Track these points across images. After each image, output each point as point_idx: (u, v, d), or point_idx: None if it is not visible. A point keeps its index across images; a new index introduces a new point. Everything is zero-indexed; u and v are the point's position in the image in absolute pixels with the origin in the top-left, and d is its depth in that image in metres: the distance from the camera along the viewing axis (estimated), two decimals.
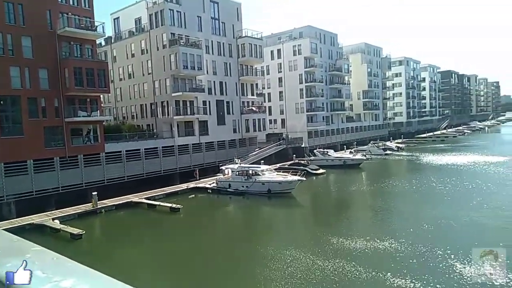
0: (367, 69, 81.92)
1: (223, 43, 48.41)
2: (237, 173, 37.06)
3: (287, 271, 17.72)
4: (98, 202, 30.05)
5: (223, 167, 40.32)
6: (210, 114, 45.89)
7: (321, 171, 46.97)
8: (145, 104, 45.16)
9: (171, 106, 41.98)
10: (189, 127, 43.70)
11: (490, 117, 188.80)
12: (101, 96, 37.73)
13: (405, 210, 29.58)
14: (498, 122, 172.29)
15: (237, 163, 39.30)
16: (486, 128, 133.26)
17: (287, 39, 66.72)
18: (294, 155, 52.91)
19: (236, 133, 49.70)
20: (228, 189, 36.56)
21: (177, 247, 22.77)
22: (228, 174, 38.61)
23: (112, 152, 35.50)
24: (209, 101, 46.04)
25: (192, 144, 43.25)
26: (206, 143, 44.89)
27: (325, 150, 56.05)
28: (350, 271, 17.19)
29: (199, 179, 41.14)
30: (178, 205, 30.36)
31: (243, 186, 35.92)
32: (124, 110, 48.24)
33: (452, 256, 17.59)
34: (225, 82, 48.53)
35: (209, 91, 46.08)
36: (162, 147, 40.08)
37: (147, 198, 33.08)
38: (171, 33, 41.60)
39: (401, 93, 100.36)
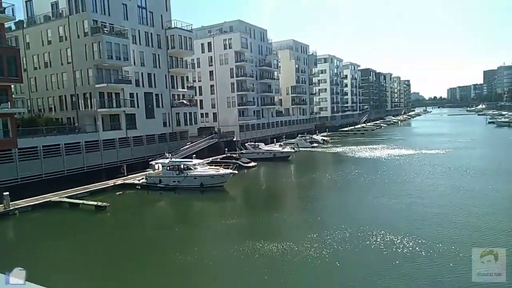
0: (295, 65, 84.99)
1: (151, 34, 46.59)
2: (168, 168, 36.18)
3: (218, 265, 17.91)
4: (10, 203, 27.22)
5: (153, 162, 39.10)
6: (138, 107, 44.02)
7: (252, 164, 47.92)
8: (65, 96, 41.78)
9: (94, 98, 39.42)
10: (115, 120, 41.46)
11: (402, 112, 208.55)
12: (12, 86, 34.01)
13: (329, 198, 31.74)
14: (409, 117, 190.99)
15: (168, 158, 38.35)
16: (399, 122, 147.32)
17: (218, 33, 66.43)
18: (226, 149, 53.19)
19: (167, 127, 48.40)
20: (159, 185, 35.57)
21: (102, 247, 21.59)
22: (158, 169, 37.55)
23: (26, 148, 32.32)
24: (137, 93, 44.14)
25: (119, 138, 41.16)
26: (134, 137, 43.02)
27: (256, 143, 57.22)
28: (281, 255, 17.97)
29: (127, 175, 39.36)
30: (104, 203, 28.74)
31: (174, 181, 35.21)
32: (40, 102, 44.12)
33: (369, 234, 19.48)
34: (154, 74, 46.85)
35: (136, 83, 44.15)
36: (85, 142, 37.51)
37: (68, 197, 30.75)
38: (93, 20, 38.91)
39: (326, 89, 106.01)
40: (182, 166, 35.75)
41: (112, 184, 36.13)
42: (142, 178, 37.39)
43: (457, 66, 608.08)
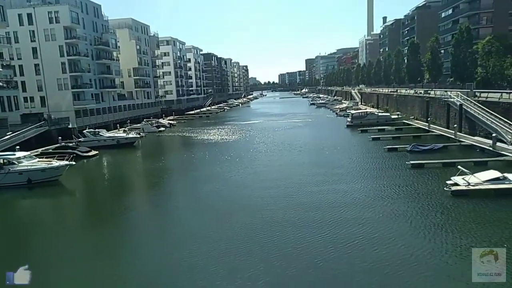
0: (136, 46, 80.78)
1: None
2: None
3: (54, 269, 16.31)
4: None
5: None
6: None
7: (93, 152, 44.03)
8: None
9: None
10: None
11: (243, 96, 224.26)
12: None
13: (177, 184, 32.26)
14: (248, 100, 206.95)
15: None
16: (240, 104, 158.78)
17: (40, 3, 57.20)
18: (60, 138, 47.15)
19: None
20: None
21: None
22: None
23: None
24: None
25: None
26: None
27: (96, 130, 52.66)
28: (124, 246, 17.55)
29: None
30: None
31: None
32: None
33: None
34: None
35: None
36: None
37: None
38: None
39: (170, 72, 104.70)
40: (1, 161, 30.16)
41: None
42: None
43: (286, 54, 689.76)
